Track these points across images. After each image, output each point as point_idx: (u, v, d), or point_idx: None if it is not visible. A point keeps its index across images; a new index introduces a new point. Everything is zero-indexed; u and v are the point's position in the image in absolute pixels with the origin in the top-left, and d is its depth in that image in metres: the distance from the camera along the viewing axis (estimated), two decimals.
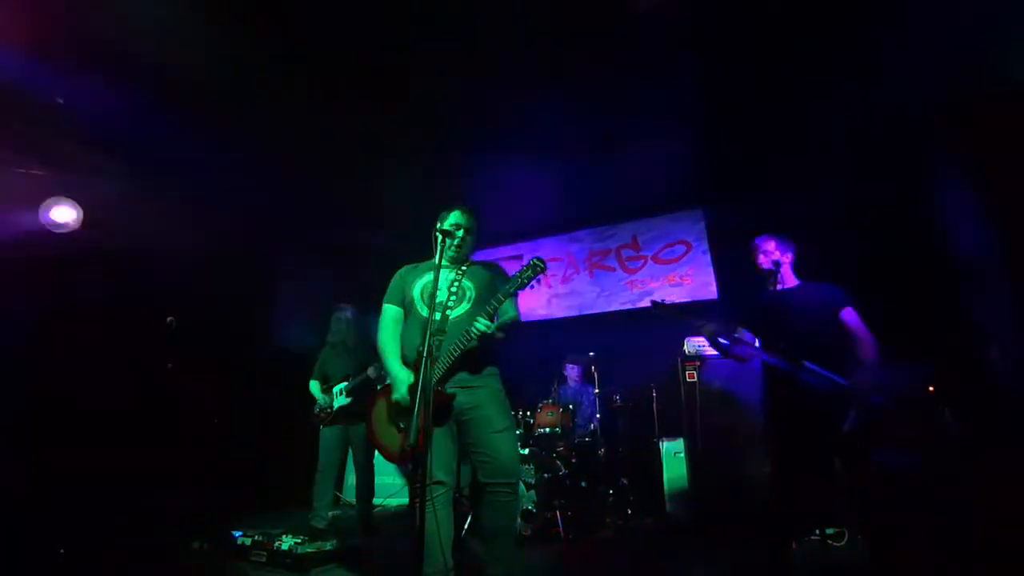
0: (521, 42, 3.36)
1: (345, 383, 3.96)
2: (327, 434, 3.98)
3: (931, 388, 3.60)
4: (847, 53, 3.50)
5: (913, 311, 3.91)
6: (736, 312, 2.84)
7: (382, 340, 2.39)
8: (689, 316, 2.71)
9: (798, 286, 2.71)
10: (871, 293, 3.38)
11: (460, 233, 2.36)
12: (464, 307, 2.30)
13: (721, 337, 2.60)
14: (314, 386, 4.12)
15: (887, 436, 2.63)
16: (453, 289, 2.30)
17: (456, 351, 2.15)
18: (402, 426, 2.26)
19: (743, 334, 2.70)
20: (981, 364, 3.66)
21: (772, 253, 2.72)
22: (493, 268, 2.52)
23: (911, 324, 3.86)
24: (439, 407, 2.12)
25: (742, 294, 3.20)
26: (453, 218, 2.40)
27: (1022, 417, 3.34)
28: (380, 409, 2.37)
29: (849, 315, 2.57)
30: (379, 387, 2.50)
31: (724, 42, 3.42)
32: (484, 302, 2.25)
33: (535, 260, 2.20)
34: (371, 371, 3.77)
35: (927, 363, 3.57)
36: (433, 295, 2.15)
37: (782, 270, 2.71)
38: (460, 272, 2.37)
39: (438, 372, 2.12)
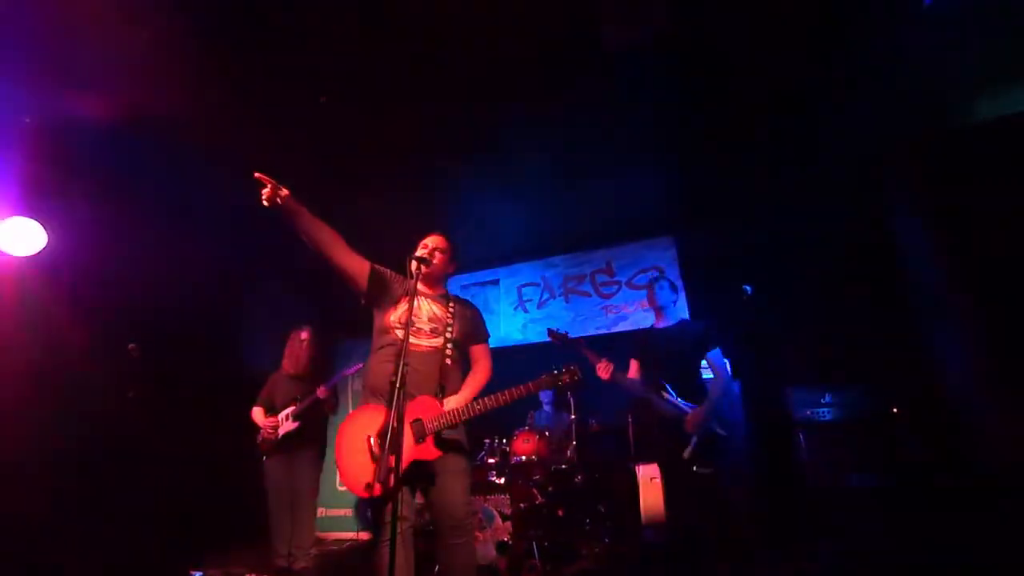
0: (498, 73, 3.45)
1: (291, 407, 3.72)
2: (272, 467, 3.68)
3: (895, 409, 3.71)
4: (810, 91, 3.70)
5: (872, 335, 4.06)
6: (628, 346, 3.34)
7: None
8: (586, 349, 3.08)
9: (678, 323, 3.17)
10: (833, 316, 3.48)
11: (435, 255, 2.39)
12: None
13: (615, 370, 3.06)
14: (258, 413, 3.83)
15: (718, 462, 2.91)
16: (448, 335, 2.32)
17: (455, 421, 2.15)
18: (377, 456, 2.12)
19: (632, 364, 3.20)
20: (937, 388, 3.79)
21: (661, 295, 3.19)
22: (471, 308, 2.52)
23: (870, 348, 4.00)
24: (426, 460, 2.11)
25: (711, 317, 3.36)
26: (428, 240, 2.44)
27: (973, 437, 3.47)
28: (353, 430, 2.15)
29: (715, 355, 2.99)
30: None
31: (695, 78, 3.57)
32: (464, 345, 2.38)
33: (572, 368, 2.31)
34: (320, 392, 3.67)
35: (882, 388, 3.71)
36: (407, 322, 2.10)
37: (667, 311, 3.17)
38: (450, 311, 2.37)
39: (436, 425, 2.12)
